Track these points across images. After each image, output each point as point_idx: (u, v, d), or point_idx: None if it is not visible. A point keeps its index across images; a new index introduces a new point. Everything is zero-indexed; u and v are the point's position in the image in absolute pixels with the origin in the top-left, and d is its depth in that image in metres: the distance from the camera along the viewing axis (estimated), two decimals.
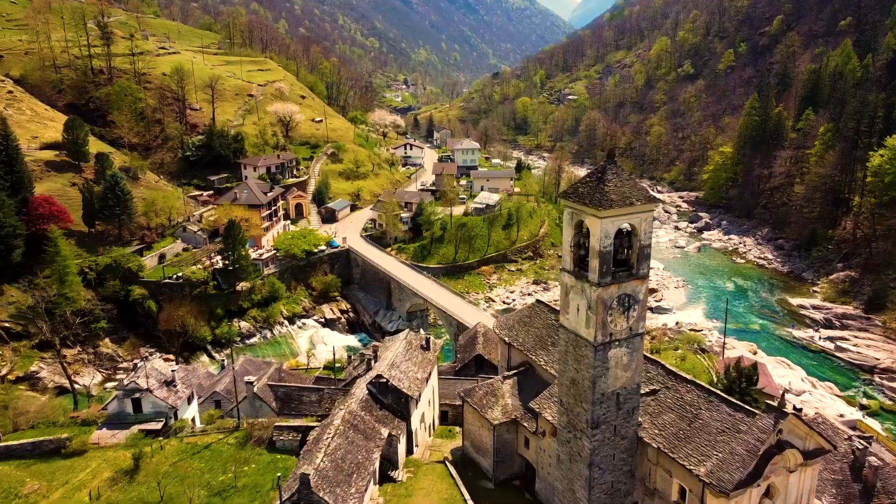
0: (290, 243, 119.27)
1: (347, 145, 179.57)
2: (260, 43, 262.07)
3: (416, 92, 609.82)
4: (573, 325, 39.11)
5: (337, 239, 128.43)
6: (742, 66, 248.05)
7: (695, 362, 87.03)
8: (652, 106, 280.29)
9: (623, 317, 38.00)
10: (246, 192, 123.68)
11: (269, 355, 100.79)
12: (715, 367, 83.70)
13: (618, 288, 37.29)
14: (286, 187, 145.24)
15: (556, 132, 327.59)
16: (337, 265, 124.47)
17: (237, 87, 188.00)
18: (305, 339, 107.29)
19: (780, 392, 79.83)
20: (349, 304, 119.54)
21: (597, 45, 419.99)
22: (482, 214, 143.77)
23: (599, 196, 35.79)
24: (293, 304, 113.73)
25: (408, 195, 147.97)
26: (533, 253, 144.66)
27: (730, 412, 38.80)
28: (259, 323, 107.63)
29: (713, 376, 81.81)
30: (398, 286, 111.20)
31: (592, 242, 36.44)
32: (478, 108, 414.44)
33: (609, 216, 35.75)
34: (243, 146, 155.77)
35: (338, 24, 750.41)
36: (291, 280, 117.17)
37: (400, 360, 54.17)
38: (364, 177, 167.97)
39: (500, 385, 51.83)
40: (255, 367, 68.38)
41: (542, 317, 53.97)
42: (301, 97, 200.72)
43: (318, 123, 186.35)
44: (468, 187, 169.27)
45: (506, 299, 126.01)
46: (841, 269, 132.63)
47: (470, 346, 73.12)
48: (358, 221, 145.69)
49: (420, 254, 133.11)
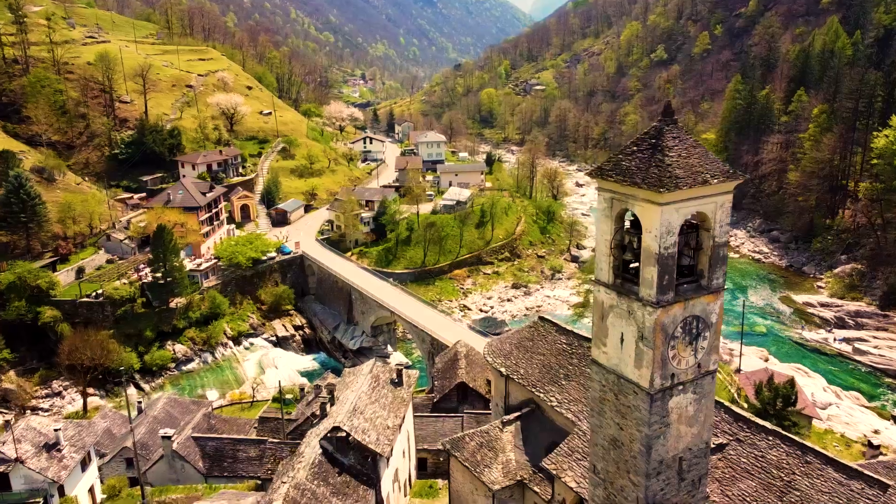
0: (234, 250, 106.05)
1: (300, 140, 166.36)
2: (202, 32, 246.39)
3: (375, 87, 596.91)
4: (614, 363, 27.66)
5: (289, 244, 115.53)
6: (719, 50, 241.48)
7: None
8: (625, 94, 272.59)
9: (690, 349, 26.68)
10: (181, 193, 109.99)
11: (209, 384, 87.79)
12: (735, 382, 73.45)
13: (683, 307, 25.96)
14: (230, 187, 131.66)
15: (524, 124, 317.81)
16: (290, 274, 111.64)
17: (174, 77, 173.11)
18: (253, 362, 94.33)
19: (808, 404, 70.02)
20: (304, 319, 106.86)
21: (562, 34, 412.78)
22: (452, 212, 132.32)
23: (658, 171, 24.39)
24: (238, 321, 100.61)
25: (369, 193, 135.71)
26: (510, 253, 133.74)
27: (840, 479, 27.78)
28: (198, 345, 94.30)
29: (733, 392, 71.63)
30: (360, 297, 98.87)
31: (647, 242, 25.05)
32: (440, 102, 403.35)
33: (673, 201, 24.38)
34: (180, 142, 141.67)
35: (290, 17, 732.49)
36: (236, 293, 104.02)
37: (364, 402, 42.10)
38: (319, 174, 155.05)
39: (498, 433, 40.15)
40: (182, 410, 55.50)
41: (549, 339, 42.53)
42: (248, 88, 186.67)
43: (267, 116, 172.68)
44: (435, 183, 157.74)
45: (483, 306, 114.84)
46: (845, 262, 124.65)
47: (450, 370, 61.42)
48: (313, 223, 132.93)
49: (384, 258, 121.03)
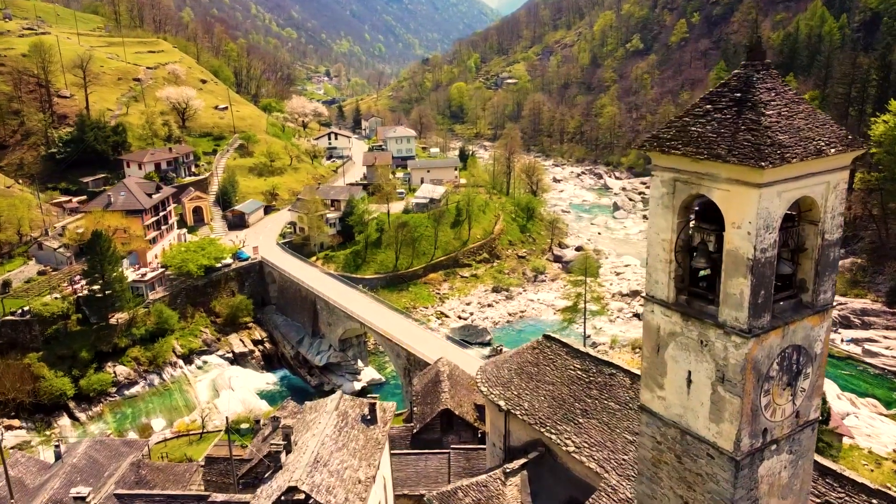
0: (185, 257, 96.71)
1: (259, 136, 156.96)
2: (153, 23, 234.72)
3: (340, 84, 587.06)
4: (675, 413, 20.10)
5: (246, 249, 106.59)
6: (696, 38, 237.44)
7: None
8: (601, 85, 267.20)
9: (787, 392, 19.22)
10: (123, 195, 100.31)
11: (155, 411, 78.65)
12: None
13: (781, 335, 18.47)
14: (180, 187, 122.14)
15: (496, 119, 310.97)
16: (248, 282, 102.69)
17: (120, 70, 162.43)
18: (207, 383, 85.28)
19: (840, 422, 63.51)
20: (265, 332, 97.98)
21: (533, 26, 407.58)
22: (426, 210, 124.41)
23: (753, 137, 16.87)
24: (190, 336, 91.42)
25: (334, 191, 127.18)
26: (489, 254, 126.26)
27: None
28: (143, 366, 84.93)
29: None
30: (326, 306, 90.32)
31: (733, 242, 17.53)
32: (408, 97, 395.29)
33: (777, 181, 16.93)
34: (126, 139, 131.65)
35: (250, 13, 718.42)
36: (187, 305, 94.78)
37: (329, 449, 33.95)
38: (280, 172, 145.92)
39: (500, 486, 32.33)
40: (109, 455, 46.67)
41: (558, 363, 34.91)
42: (202, 82, 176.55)
43: (223, 111, 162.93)
44: (406, 180, 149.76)
45: (461, 313, 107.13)
46: (844, 256, 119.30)
47: (431, 394, 53.50)
48: (274, 226, 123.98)
49: (353, 262, 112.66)
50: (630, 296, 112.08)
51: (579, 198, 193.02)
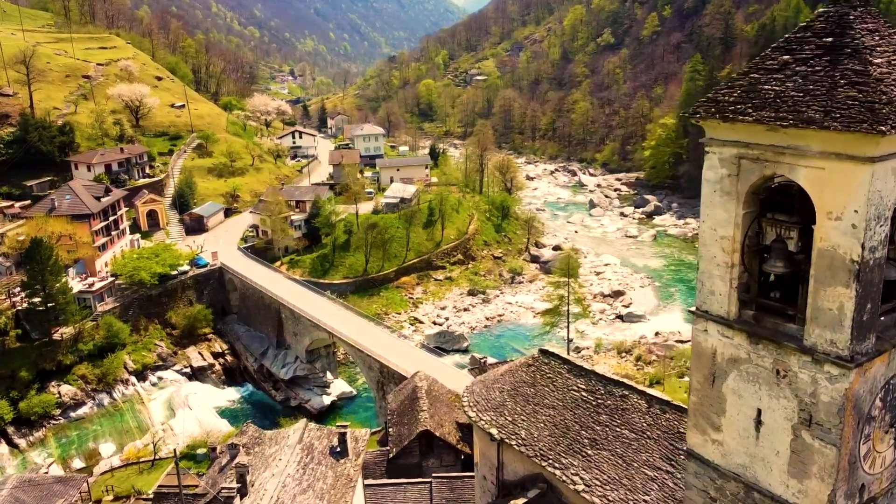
0: (137, 265, 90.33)
1: (219, 135, 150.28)
2: (105, 19, 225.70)
3: (305, 83, 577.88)
4: (739, 463, 15.74)
5: (205, 255, 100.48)
6: (669, 32, 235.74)
7: None
8: (573, 80, 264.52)
9: (889, 436, 14.92)
10: (69, 199, 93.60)
11: (104, 435, 72.59)
12: None
13: (886, 362, 14.22)
14: (133, 190, 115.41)
15: (466, 116, 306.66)
16: (207, 291, 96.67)
17: (69, 66, 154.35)
18: (162, 402, 79.23)
19: None
20: (226, 344, 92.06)
21: (502, 22, 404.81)
22: (396, 211, 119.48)
23: (861, 95, 12.52)
24: (143, 351, 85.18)
25: (299, 192, 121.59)
26: (463, 255, 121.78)
27: None
28: (91, 385, 78.45)
29: None
30: (291, 315, 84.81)
31: (829, 238, 13.21)
32: (375, 96, 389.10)
33: (893, 153, 12.59)
34: (74, 139, 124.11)
35: (210, 11, 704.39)
36: (140, 317, 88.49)
37: (291, 492, 29.00)
38: (242, 172, 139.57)
39: None
40: (39, 496, 40.94)
41: (558, 383, 30.49)
42: (157, 79, 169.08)
43: (180, 109, 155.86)
44: (375, 179, 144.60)
45: (437, 318, 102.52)
46: None
47: (408, 413, 48.70)
48: (235, 229, 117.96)
49: (320, 267, 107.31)
50: (612, 296, 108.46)
51: (554, 195, 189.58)
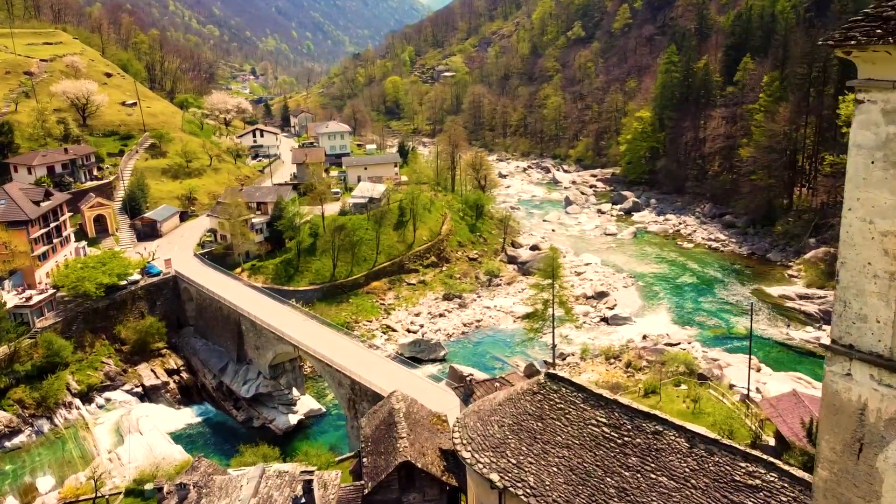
0: (81, 275, 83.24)
1: (174, 134, 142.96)
2: (51, 13, 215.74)
3: (267, 82, 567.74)
4: None
5: (157, 262, 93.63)
6: (640, 24, 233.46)
7: (718, 409, 61.59)
8: (543, 75, 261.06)
9: None
10: (3, 204, 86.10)
11: (43, 466, 65.73)
12: (754, 415, 58.53)
13: None
14: (79, 193, 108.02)
15: (434, 113, 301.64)
16: (160, 301, 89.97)
17: (9, 63, 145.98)
18: (109, 426, 72.43)
19: None
20: (181, 360, 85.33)
21: (468, 17, 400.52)
22: (365, 211, 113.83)
23: None
24: (89, 370, 78.26)
25: (260, 193, 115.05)
26: (437, 257, 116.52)
27: None
28: (29, 409, 71.33)
29: (753, 428, 56.78)
30: (252, 327, 78.56)
31: None
32: (340, 94, 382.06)
33: None
34: (13, 140, 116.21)
35: (168, 10, 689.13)
36: (85, 332, 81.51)
37: None
38: (199, 173, 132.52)
39: None
40: None
41: (572, 416, 25.42)
42: (106, 76, 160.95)
43: (132, 107, 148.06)
44: (342, 179, 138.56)
45: (411, 325, 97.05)
46: (815, 245, 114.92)
47: (385, 440, 43.12)
48: (192, 234, 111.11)
49: (284, 273, 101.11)
50: (595, 298, 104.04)
51: (528, 193, 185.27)
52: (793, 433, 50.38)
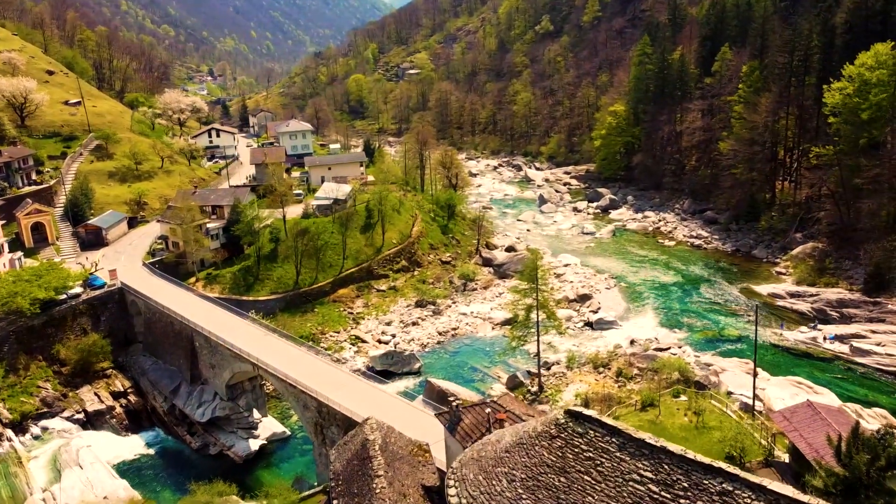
0: (13, 290, 75.69)
1: (121, 134, 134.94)
2: None
3: (225, 83, 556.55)
4: None
5: (101, 273, 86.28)
6: (610, 17, 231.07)
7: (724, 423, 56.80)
8: (512, 71, 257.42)
9: None
10: None
11: None
12: (765, 428, 53.88)
13: None
14: (14, 199, 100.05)
15: (400, 112, 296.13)
16: (104, 317, 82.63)
17: None
18: (46, 460, 65.15)
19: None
20: (129, 381, 78.12)
21: (433, 13, 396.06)
22: (330, 213, 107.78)
23: None
24: (22, 396, 70.80)
25: (216, 195, 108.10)
26: (408, 261, 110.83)
27: None
28: None
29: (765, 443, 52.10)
30: (207, 343, 71.88)
31: None
32: (302, 93, 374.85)
33: None
34: None
35: (120, 9, 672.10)
36: (18, 354, 73.98)
37: None
38: (149, 176, 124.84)
39: None
40: None
41: (605, 466, 19.80)
42: (48, 73, 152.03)
43: (75, 107, 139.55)
44: (304, 180, 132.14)
45: (382, 336, 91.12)
46: (802, 241, 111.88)
47: (358, 478, 37.40)
48: (141, 242, 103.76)
49: (243, 281, 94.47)
50: (578, 301, 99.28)
51: (500, 192, 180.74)
52: (814, 451, 45.71)
